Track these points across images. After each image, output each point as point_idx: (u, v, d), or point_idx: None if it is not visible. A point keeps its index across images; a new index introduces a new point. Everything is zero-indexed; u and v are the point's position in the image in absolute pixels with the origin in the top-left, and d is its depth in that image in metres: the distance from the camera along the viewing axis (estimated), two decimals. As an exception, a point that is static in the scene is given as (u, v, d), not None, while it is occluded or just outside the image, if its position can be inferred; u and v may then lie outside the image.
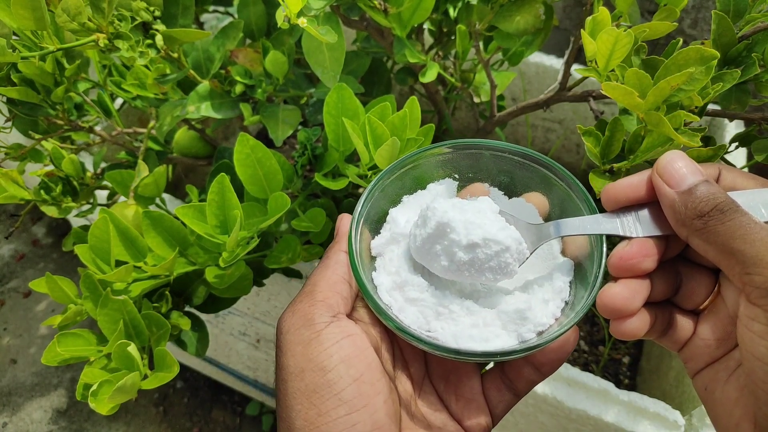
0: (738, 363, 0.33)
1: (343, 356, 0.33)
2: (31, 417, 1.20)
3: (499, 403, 0.38)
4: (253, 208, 0.52)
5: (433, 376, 0.39)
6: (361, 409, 0.32)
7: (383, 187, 0.39)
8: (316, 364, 0.33)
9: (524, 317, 0.35)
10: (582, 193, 0.37)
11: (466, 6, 0.64)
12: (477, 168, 0.41)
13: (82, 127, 0.65)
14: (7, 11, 0.46)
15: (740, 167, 0.54)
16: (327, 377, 0.32)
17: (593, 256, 0.35)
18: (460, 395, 0.38)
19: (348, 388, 0.32)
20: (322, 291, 0.35)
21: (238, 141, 0.50)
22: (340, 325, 0.34)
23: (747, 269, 0.29)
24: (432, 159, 0.40)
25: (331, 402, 0.32)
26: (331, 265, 0.37)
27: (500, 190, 0.41)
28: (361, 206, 0.37)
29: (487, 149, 0.40)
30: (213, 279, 0.49)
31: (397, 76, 0.77)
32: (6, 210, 1.55)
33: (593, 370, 0.97)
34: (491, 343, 0.34)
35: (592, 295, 0.34)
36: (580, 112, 1.08)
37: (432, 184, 0.41)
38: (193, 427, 1.19)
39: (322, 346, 0.33)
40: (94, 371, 0.46)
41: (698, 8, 1.22)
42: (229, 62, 0.64)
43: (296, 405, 0.32)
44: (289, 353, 0.34)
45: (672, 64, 0.37)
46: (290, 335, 0.34)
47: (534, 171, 0.39)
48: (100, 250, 0.49)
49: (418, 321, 0.35)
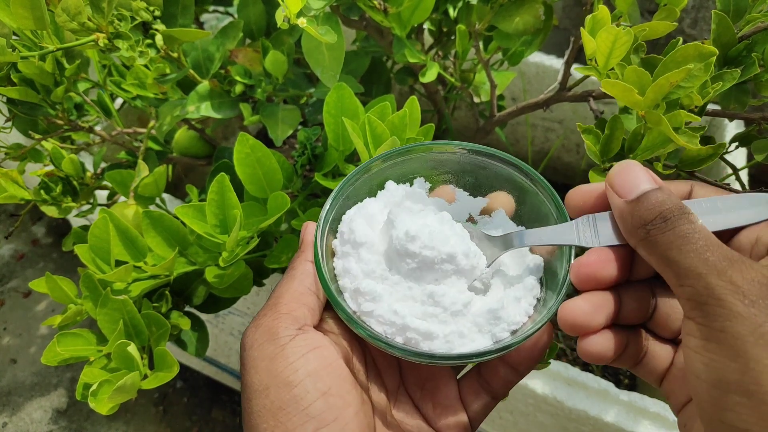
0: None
1: (310, 370, 0.31)
2: (31, 417, 1.20)
3: (477, 407, 0.37)
4: (252, 208, 0.52)
5: (409, 385, 0.38)
6: (330, 424, 0.31)
7: (347, 193, 0.39)
8: (282, 379, 0.31)
9: (497, 317, 0.35)
10: (547, 190, 0.37)
11: (466, 6, 0.64)
12: (442, 169, 0.41)
13: (82, 127, 0.65)
14: (7, 11, 0.46)
15: (740, 167, 0.54)
16: (293, 393, 0.31)
17: (562, 253, 0.35)
18: (437, 402, 0.37)
19: (316, 403, 0.31)
20: (287, 303, 0.34)
21: (237, 141, 0.50)
22: (306, 337, 0.33)
23: (680, 281, 0.28)
24: (398, 162, 0.40)
25: (298, 418, 0.30)
26: (297, 276, 0.35)
27: (465, 191, 0.41)
28: (325, 214, 0.37)
29: (452, 151, 0.40)
30: (213, 279, 0.49)
31: (396, 75, 0.77)
32: (6, 210, 1.55)
33: (593, 370, 0.97)
34: (466, 345, 0.34)
35: (563, 291, 0.33)
36: (580, 111, 1.08)
37: (390, 182, 0.40)
38: (193, 426, 1.19)
39: (287, 360, 0.32)
40: (94, 371, 0.46)
41: (698, 8, 1.22)
42: (228, 62, 0.64)
43: (262, 424, 0.31)
44: (253, 370, 0.32)
45: (671, 61, 0.37)
46: (254, 351, 0.33)
47: (498, 170, 0.39)
48: (100, 249, 0.49)
49: (390, 328, 0.35)
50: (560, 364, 0.70)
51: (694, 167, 0.42)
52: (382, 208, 0.39)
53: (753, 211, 0.31)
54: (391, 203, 0.39)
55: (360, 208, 0.39)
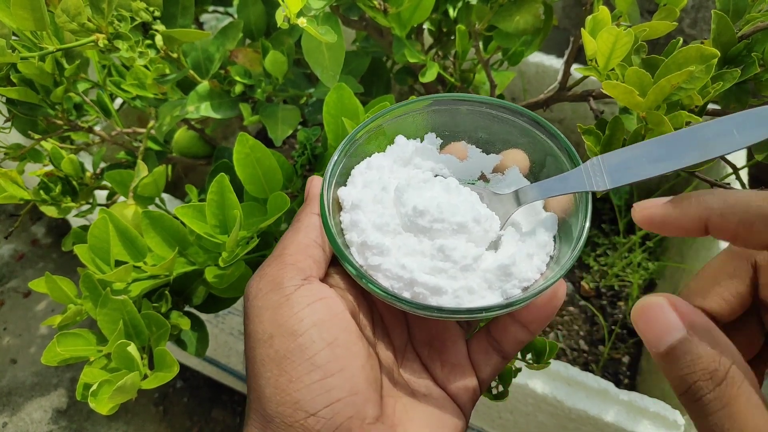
0: None
1: (316, 320, 0.31)
2: (31, 417, 1.20)
3: (487, 367, 0.36)
4: (252, 208, 0.52)
5: (416, 343, 0.37)
6: (336, 374, 0.30)
7: (355, 147, 0.37)
8: (286, 328, 0.30)
9: (508, 273, 0.33)
10: (563, 143, 0.36)
11: (465, 6, 0.64)
12: (453, 125, 0.39)
13: (82, 127, 0.65)
14: (7, 11, 0.46)
15: (740, 167, 0.54)
16: (298, 342, 0.30)
17: (578, 209, 0.34)
18: (445, 361, 0.36)
19: (321, 352, 0.30)
20: (292, 254, 0.33)
21: (237, 141, 0.50)
22: (312, 287, 0.32)
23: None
24: (407, 117, 0.38)
25: (303, 367, 0.30)
26: (302, 229, 0.34)
27: (478, 147, 0.40)
28: (332, 167, 0.36)
29: (463, 103, 0.38)
30: (213, 279, 0.49)
31: (396, 75, 0.77)
32: (6, 210, 1.55)
33: (593, 369, 0.97)
34: (475, 301, 0.33)
35: (578, 247, 0.32)
36: (580, 111, 1.08)
37: (400, 137, 0.39)
38: (193, 426, 1.19)
39: (292, 310, 0.31)
40: (94, 371, 0.46)
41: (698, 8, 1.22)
42: (228, 62, 0.64)
43: (265, 372, 0.30)
44: (257, 319, 0.31)
45: (672, 63, 0.37)
46: (257, 300, 0.32)
47: (512, 124, 0.38)
48: (100, 250, 0.49)
49: (397, 283, 0.33)
50: (560, 364, 0.70)
51: (694, 168, 0.42)
52: (391, 164, 0.38)
53: (759, 123, 0.29)
54: (400, 159, 0.38)
55: (369, 162, 0.38)
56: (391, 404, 0.33)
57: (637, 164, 0.31)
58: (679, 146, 0.31)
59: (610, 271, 1.04)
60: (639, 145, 0.32)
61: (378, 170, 0.37)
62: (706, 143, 0.30)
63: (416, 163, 0.39)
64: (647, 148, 0.32)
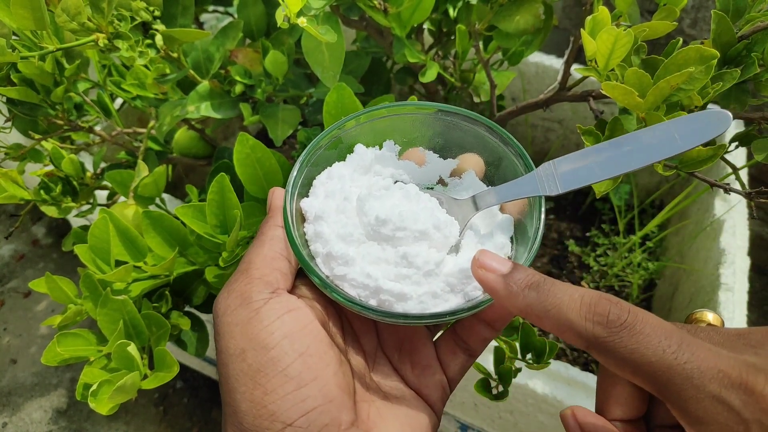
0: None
1: (286, 331, 0.31)
2: (31, 417, 1.20)
3: (455, 366, 0.38)
4: (252, 208, 0.52)
5: (386, 347, 0.38)
6: (310, 383, 0.31)
7: (315, 157, 0.38)
8: (258, 342, 0.31)
9: (469, 275, 0.34)
10: (516, 148, 0.37)
11: (465, 6, 0.64)
12: (411, 132, 0.40)
13: (82, 127, 0.65)
14: (7, 11, 0.46)
15: (740, 167, 0.54)
16: (270, 355, 0.31)
17: (532, 209, 0.36)
18: (415, 363, 0.37)
19: (294, 364, 0.31)
20: (258, 268, 0.33)
21: (237, 141, 0.50)
22: (281, 300, 0.32)
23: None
24: (365, 125, 0.39)
25: (277, 379, 0.30)
26: (266, 242, 0.35)
27: (435, 152, 0.41)
28: (293, 178, 0.36)
29: (419, 112, 0.39)
30: (213, 279, 0.49)
31: (396, 75, 0.77)
32: (6, 210, 1.55)
33: (593, 370, 0.97)
34: (439, 305, 0.34)
35: (534, 249, 0.34)
36: (580, 112, 1.08)
37: (359, 146, 0.40)
38: (193, 427, 1.19)
39: (262, 323, 0.31)
40: (94, 371, 0.46)
41: (698, 8, 1.22)
42: (228, 62, 0.64)
43: (240, 387, 0.31)
44: (228, 335, 0.32)
45: (672, 64, 0.37)
46: (227, 317, 0.32)
47: (467, 131, 0.39)
48: (100, 250, 0.49)
49: (363, 291, 0.34)
50: (560, 364, 0.70)
51: (694, 168, 0.42)
52: (351, 172, 0.39)
53: (701, 126, 0.31)
54: (360, 167, 0.39)
55: (330, 172, 0.38)
56: (365, 408, 0.34)
57: (587, 169, 0.33)
58: (624, 151, 0.32)
59: (610, 271, 1.04)
60: (588, 150, 0.33)
61: (339, 180, 0.38)
62: (649, 148, 0.32)
63: (376, 171, 0.40)
64: (595, 153, 0.33)
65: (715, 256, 0.81)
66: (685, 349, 0.26)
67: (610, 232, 1.12)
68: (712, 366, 0.25)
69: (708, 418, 0.25)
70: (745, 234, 0.83)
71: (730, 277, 0.76)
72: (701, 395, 0.25)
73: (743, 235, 0.83)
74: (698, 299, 0.83)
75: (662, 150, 0.31)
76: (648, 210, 1.15)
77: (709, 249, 0.85)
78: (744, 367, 0.25)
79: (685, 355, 0.26)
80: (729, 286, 0.75)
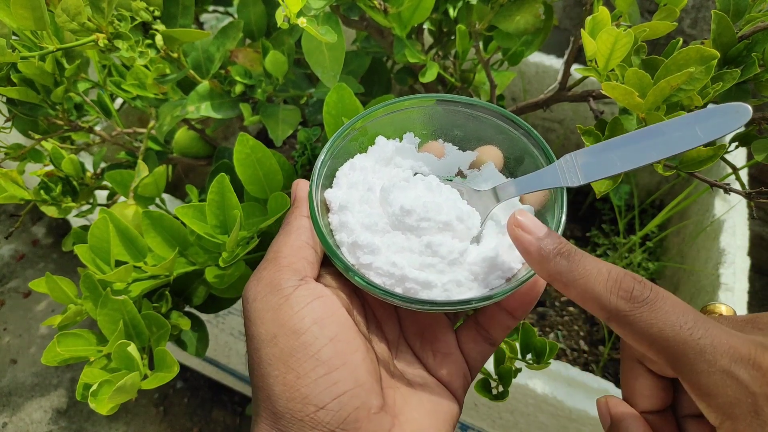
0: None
1: (316, 317, 0.32)
2: (31, 417, 1.20)
3: (477, 355, 0.38)
4: (253, 208, 0.52)
5: (408, 335, 0.39)
6: (340, 368, 0.31)
7: (339, 148, 0.39)
8: (289, 327, 0.32)
9: (492, 264, 0.35)
10: (537, 140, 0.37)
11: (466, 6, 0.64)
12: (430, 124, 0.41)
13: (82, 127, 0.65)
14: (7, 11, 0.46)
15: (740, 167, 0.54)
16: (301, 339, 0.31)
17: (554, 201, 0.36)
18: (436, 351, 0.38)
19: (324, 348, 0.31)
20: (286, 257, 0.34)
21: (237, 141, 0.50)
22: (309, 287, 0.33)
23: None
24: (385, 118, 0.40)
25: (309, 363, 0.31)
26: (293, 231, 0.36)
27: (455, 145, 0.41)
28: (318, 169, 0.37)
29: (439, 104, 0.40)
30: (213, 279, 0.49)
31: (396, 76, 0.77)
32: (6, 210, 1.55)
33: (593, 370, 0.97)
34: (463, 293, 0.35)
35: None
36: (580, 112, 1.08)
37: (380, 138, 0.40)
38: (193, 427, 1.19)
39: (292, 309, 0.32)
40: (94, 371, 0.46)
41: (698, 8, 1.22)
42: (229, 62, 0.64)
43: (273, 371, 0.31)
44: (259, 321, 0.33)
45: (672, 64, 0.37)
46: (257, 303, 0.33)
47: (486, 122, 0.40)
48: (100, 250, 0.49)
49: (389, 279, 0.35)
50: (560, 364, 0.70)
51: (694, 168, 0.42)
52: (373, 164, 0.40)
53: (722, 120, 0.31)
54: (381, 159, 0.40)
55: (353, 164, 0.39)
56: (391, 395, 0.35)
57: (607, 161, 0.33)
58: (644, 143, 0.33)
59: (610, 271, 1.04)
60: (607, 142, 0.34)
61: (361, 171, 0.39)
62: (669, 140, 0.32)
63: (397, 162, 0.41)
64: (615, 145, 0.33)
65: (715, 256, 0.81)
66: (700, 326, 0.27)
67: (610, 232, 1.12)
68: (724, 342, 0.27)
69: (718, 390, 0.27)
70: (745, 234, 0.83)
71: (730, 277, 0.76)
72: (712, 369, 0.27)
73: (743, 235, 0.83)
74: (698, 299, 0.83)
75: (682, 142, 0.31)
76: (648, 210, 1.15)
77: (709, 249, 0.85)
78: (753, 345, 0.27)
79: (700, 331, 0.27)
80: (729, 286, 0.75)
